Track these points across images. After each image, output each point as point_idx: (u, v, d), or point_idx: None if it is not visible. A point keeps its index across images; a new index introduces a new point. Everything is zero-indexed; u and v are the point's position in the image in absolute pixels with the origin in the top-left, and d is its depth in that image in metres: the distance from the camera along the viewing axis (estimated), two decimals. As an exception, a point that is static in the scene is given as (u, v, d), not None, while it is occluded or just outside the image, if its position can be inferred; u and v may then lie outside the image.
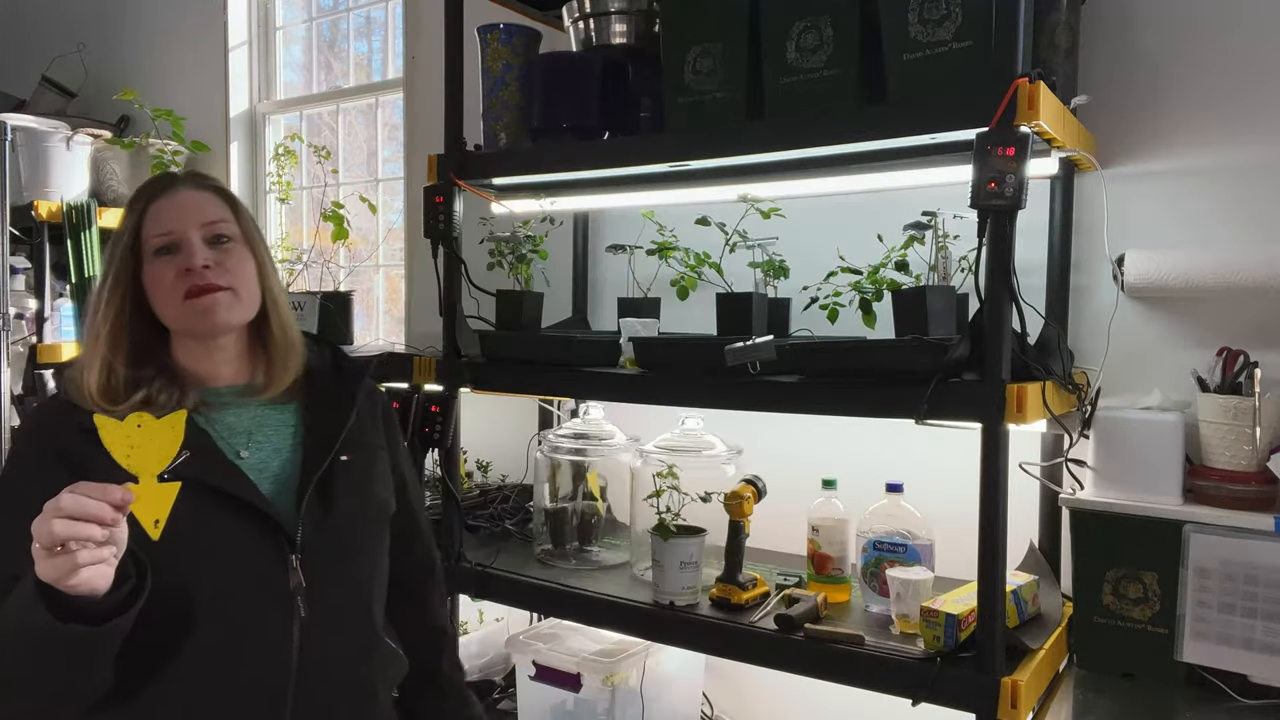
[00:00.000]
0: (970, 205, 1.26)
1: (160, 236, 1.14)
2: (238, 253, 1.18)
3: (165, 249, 1.14)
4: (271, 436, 1.20)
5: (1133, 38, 1.62)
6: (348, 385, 1.27)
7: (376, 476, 1.26)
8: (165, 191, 1.18)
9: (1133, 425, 1.46)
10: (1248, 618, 1.34)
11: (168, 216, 1.15)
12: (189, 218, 1.15)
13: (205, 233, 1.16)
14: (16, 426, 2.68)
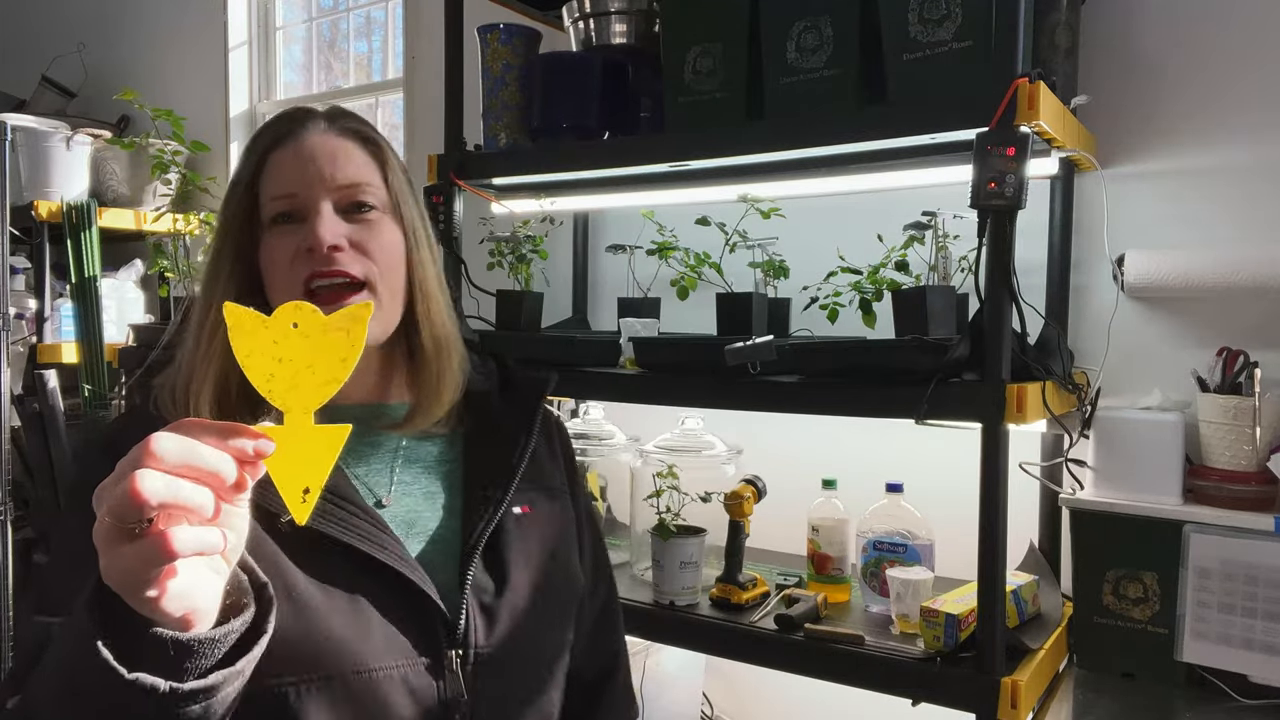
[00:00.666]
0: (970, 205, 1.26)
1: (279, 200, 0.84)
2: (381, 227, 0.87)
3: (285, 215, 0.84)
4: (421, 477, 0.91)
5: (1133, 38, 1.62)
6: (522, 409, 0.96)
7: (561, 535, 0.95)
8: (291, 135, 0.86)
9: (1133, 425, 1.46)
10: (1248, 618, 1.34)
11: (291, 171, 0.85)
12: (319, 174, 0.85)
13: (339, 197, 0.85)
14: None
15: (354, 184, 0.86)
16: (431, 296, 0.91)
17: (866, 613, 1.57)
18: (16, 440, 2.75)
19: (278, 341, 0.59)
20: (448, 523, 0.89)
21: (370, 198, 0.87)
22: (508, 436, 0.93)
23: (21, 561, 2.81)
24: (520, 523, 0.90)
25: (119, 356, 2.51)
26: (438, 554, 0.86)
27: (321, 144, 0.86)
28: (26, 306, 2.90)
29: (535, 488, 0.94)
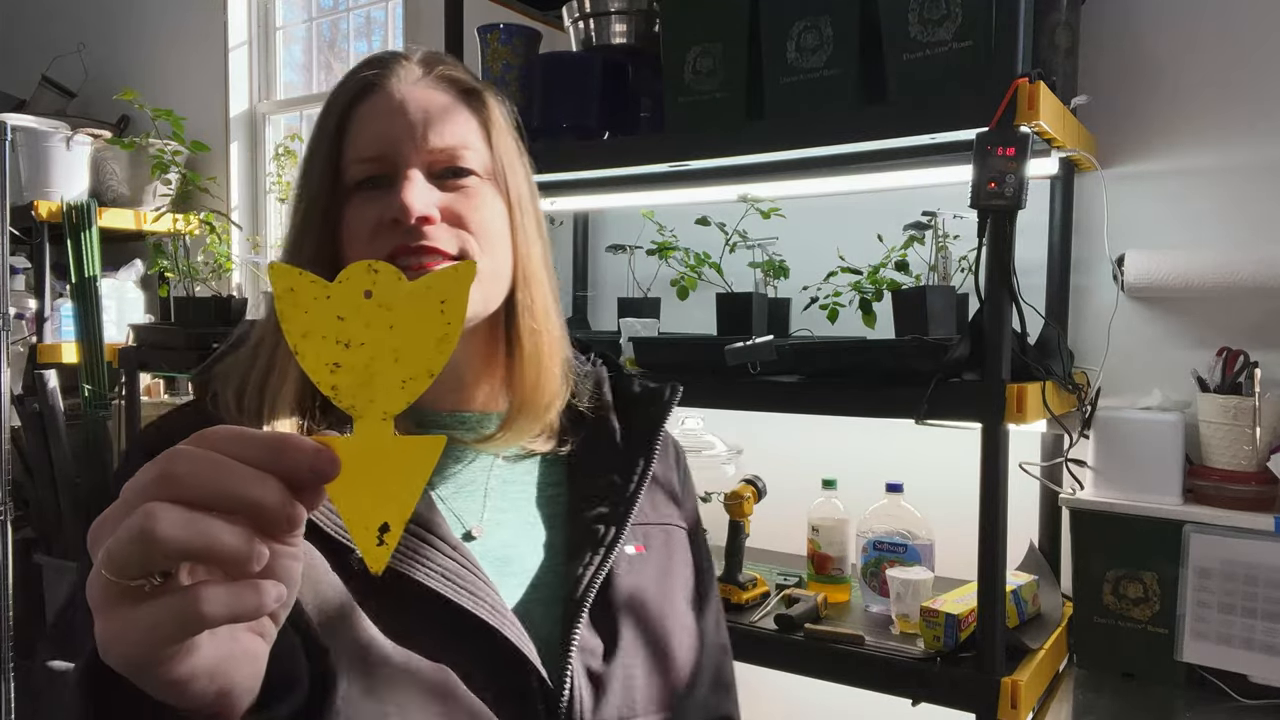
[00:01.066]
0: (970, 205, 1.26)
1: (364, 163, 0.71)
2: (481, 196, 0.73)
3: (370, 180, 0.71)
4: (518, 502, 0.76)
5: (1132, 37, 1.62)
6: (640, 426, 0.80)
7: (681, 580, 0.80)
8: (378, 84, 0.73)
9: (1133, 425, 1.46)
10: (1248, 618, 1.34)
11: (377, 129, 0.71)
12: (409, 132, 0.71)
13: (433, 160, 0.71)
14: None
15: (450, 146, 0.72)
16: (535, 281, 0.76)
17: (866, 613, 1.57)
18: (16, 440, 2.75)
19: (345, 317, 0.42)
20: (549, 563, 0.73)
21: (470, 161, 0.72)
22: (622, 459, 0.78)
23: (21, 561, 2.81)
24: (634, 566, 0.75)
25: (119, 356, 2.51)
26: (537, 603, 0.70)
27: (414, 96, 0.72)
28: (26, 306, 2.90)
29: (652, 522, 0.79)
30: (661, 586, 0.77)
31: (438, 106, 0.73)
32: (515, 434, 0.75)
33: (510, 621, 0.66)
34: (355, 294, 0.42)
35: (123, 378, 2.55)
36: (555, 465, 0.80)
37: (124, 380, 2.54)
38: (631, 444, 0.80)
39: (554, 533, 0.76)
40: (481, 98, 0.76)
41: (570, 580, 0.72)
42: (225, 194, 3.13)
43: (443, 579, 0.64)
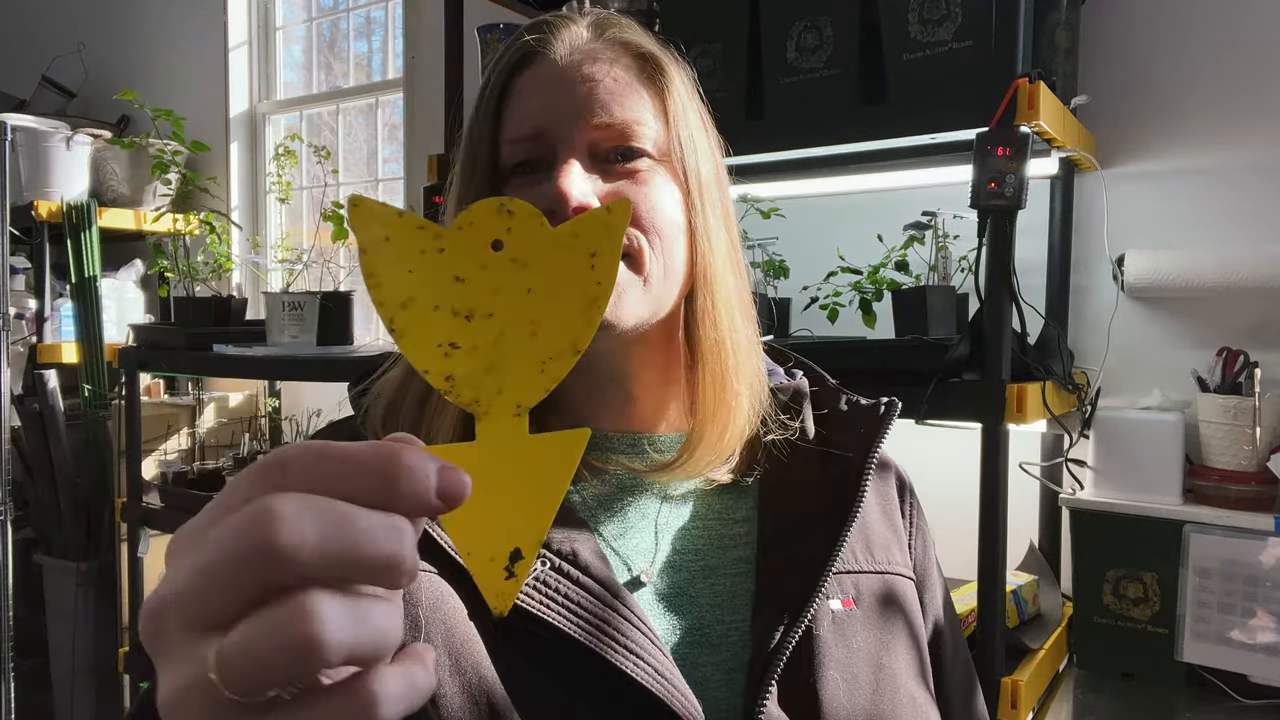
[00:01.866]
0: (970, 205, 1.26)
1: (519, 143, 0.62)
2: (654, 183, 0.62)
3: (525, 164, 0.62)
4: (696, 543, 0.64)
5: (1133, 38, 1.62)
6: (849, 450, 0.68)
7: (902, 641, 0.64)
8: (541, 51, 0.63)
9: (1133, 425, 1.46)
10: (1248, 618, 1.34)
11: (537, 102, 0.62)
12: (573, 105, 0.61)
13: (600, 138, 0.61)
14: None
15: (619, 122, 0.61)
16: (718, 282, 0.64)
17: (866, 613, 1.57)
18: (16, 440, 2.75)
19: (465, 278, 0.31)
20: (730, 618, 0.61)
21: (642, 140, 0.62)
22: (825, 491, 0.65)
23: (22, 561, 2.82)
24: (840, 625, 0.61)
25: (119, 356, 2.51)
26: (715, 668, 0.58)
27: (578, 64, 0.61)
28: (26, 306, 2.90)
29: (865, 570, 0.65)
30: (878, 655, 0.62)
31: (607, 75, 0.61)
32: (695, 462, 0.62)
33: (679, 693, 0.53)
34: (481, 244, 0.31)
35: (123, 378, 2.55)
36: (743, 499, 0.66)
37: (124, 380, 2.54)
38: (836, 470, 0.67)
39: (738, 581, 0.62)
40: (660, 64, 0.64)
41: (756, 641, 0.58)
42: (225, 194, 3.13)
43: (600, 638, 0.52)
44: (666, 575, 0.61)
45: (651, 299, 0.61)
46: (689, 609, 0.60)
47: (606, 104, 0.61)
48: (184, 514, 2.36)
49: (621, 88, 0.62)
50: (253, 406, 3.00)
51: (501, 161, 0.63)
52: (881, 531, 0.69)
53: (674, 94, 0.64)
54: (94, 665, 2.70)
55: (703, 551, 0.63)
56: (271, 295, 2.25)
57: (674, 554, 0.62)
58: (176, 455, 2.78)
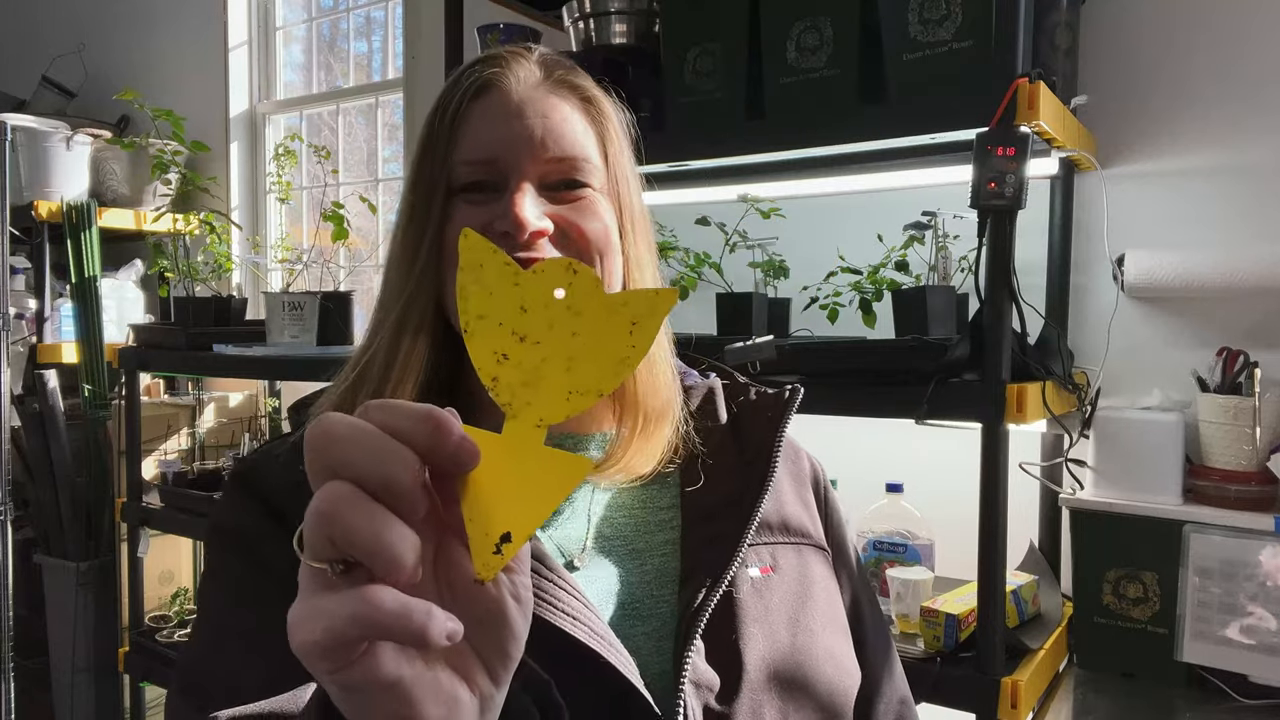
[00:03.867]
0: (970, 205, 1.26)
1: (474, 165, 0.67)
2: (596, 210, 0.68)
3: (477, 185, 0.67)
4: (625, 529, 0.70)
5: (1132, 37, 1.62)
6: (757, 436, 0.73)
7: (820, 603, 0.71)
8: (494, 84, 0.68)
9: (1133, 425, 1.46)
10: (1248, 618, 1.34)
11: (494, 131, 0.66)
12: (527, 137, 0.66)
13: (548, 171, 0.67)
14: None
15: (567, 156, 0.67)
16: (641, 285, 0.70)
17: (866, 613, 1.57)
18: (16, 440, 2.75)
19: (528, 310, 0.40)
20: (658, 592, 0.66)
21: (586, 175, 0.68)
22: (739, 471, 0.71)
23: (22, 561, 2.82)
24: (758, 589, 0.67)
25: (119, 356, 2.51)
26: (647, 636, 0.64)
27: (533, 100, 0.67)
28: (26, 306, 2.90)
29: (780, 541, 0.71)
30: (793, 609, 0.68)
31: (557, 113, 0.67)
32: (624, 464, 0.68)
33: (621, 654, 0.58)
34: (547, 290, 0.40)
35: (123, 378, 2.55)
36: (666, 487, 0.72)
37: (124, 380, 2.54)
38: (748, 454, 0.72)
39: (665, 560, 0.68)
40: (601, 107, 0.71)
41: (682, 608, 0.64)
42: (225, 194, 3.13)
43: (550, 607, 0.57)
44: (597, 559, 0.67)
45: None
46: (619, 588, 0.66)
47: (558, 140, 0.67)
48: (184, 514, 2.36)
49: (570, 126, 0.68)
50: (253, 406, 3.00)
51: (452, 180, 0.67)
52: (795, 509, 0.75)
53: (612, 136, 0.71)
54: (94, 665, 2.71)
55: (630, 537, 0.69)
56: (271, 295, 2.26)
57: (603, 540, 0.68)
58: (176, 455, 2.78)
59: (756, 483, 0.70)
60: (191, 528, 2.42)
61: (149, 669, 2.45)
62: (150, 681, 2.50)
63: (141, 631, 2.49)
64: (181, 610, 2.63)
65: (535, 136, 0.66)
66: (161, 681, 2.47)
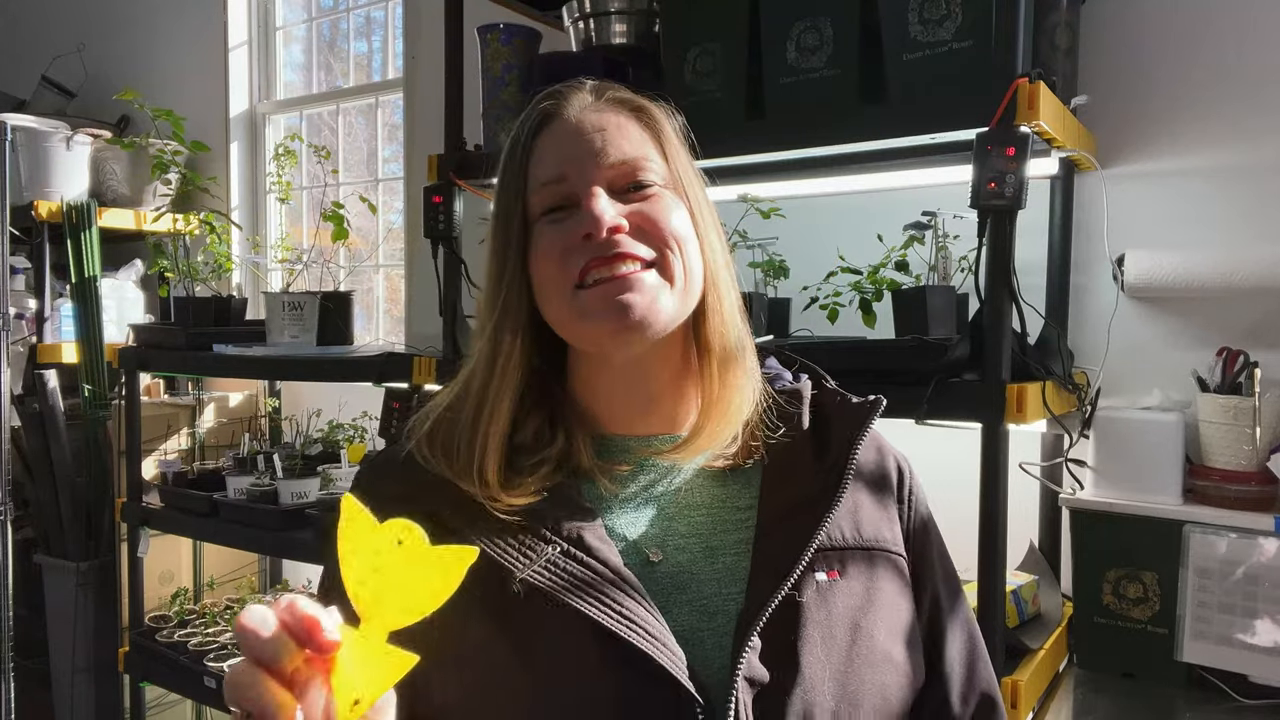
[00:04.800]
0: (970, 205, 1.26)
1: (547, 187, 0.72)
2: (666, 203, 0.73)
3: (557, 208, 0.72)
4: (702, 527, 0.73)
5: (1132, 38, 1.62)
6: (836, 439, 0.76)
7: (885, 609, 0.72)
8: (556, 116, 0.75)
9: (1133, 425, 1.46)
10: (1248, 618, 1.34)
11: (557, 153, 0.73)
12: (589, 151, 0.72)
13: (614, 176, 0.73)
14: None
15: (629, 159, 0.73)
16: (722, 283, 0.76)
17: (866, 613, 1.57)
18: (16, 440, 2.75)
19: (379, 552, 0.54)
20: (727, 590, 0.70)
21: (650, 174, 0.74)
22: (816, 477, 0.74)
23: (21, 561, 2.82)
24: (823, 593, 0.69)
25: (119, 356, 2.51)
26: (712, 632, 0.68)
27: (589, 118, 0.74)
28: (26, 306, 2.90)
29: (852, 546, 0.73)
30: (857, 619, 0.70)
31: (613, 125, 0.74)
32: (701, 442, 0.73)
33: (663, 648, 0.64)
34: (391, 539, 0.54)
35: (123, 378, 2.55)
36: (746, 488, 0.76)
37: (124, 380, 2.54)
38: (827, 461, 0.75)
39: (738, 558, 0.72)
40: (652, 114, 0.78)
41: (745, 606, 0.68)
42: (225, 194, 3.13)
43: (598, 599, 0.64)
44: (673, 556, 0.71)
45: (679, 299, 0.72)
46: (692, 584, 0.70)
47: (618, 146, 0.73)
48: (184, 514, 2.37)
49: (626, 134, 0.74)
50: (253, 406, 3.00)
51: (530, 210, 0.73)
52: (872, 513, 0.77)
53: (667, 135, 0.77)
54: (94, 665, 2.70)
55: (706, 534, 0.73)
56: (271, 295, 2.26)
57: (680, 538, 0.72)
58: (176, 455, 2.78)
59: (831, 490, 0.72)
60: (191, 528, 2.42)
61: (149, 669, 2.45)
62: (150, 681, 2.50)
63: (141, 631, 2.49)
64: (181, 610, 2.63)
65: (596, 147, 0.72)
66: (161, 681, 2.47)
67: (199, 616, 2.60)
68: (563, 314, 0.71)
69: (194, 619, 2.58)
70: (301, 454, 2.42)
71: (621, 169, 0.73)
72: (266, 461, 2.35)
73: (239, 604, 2.67)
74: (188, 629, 2.50)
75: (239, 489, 2.31)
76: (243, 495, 2.28)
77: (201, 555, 2.85)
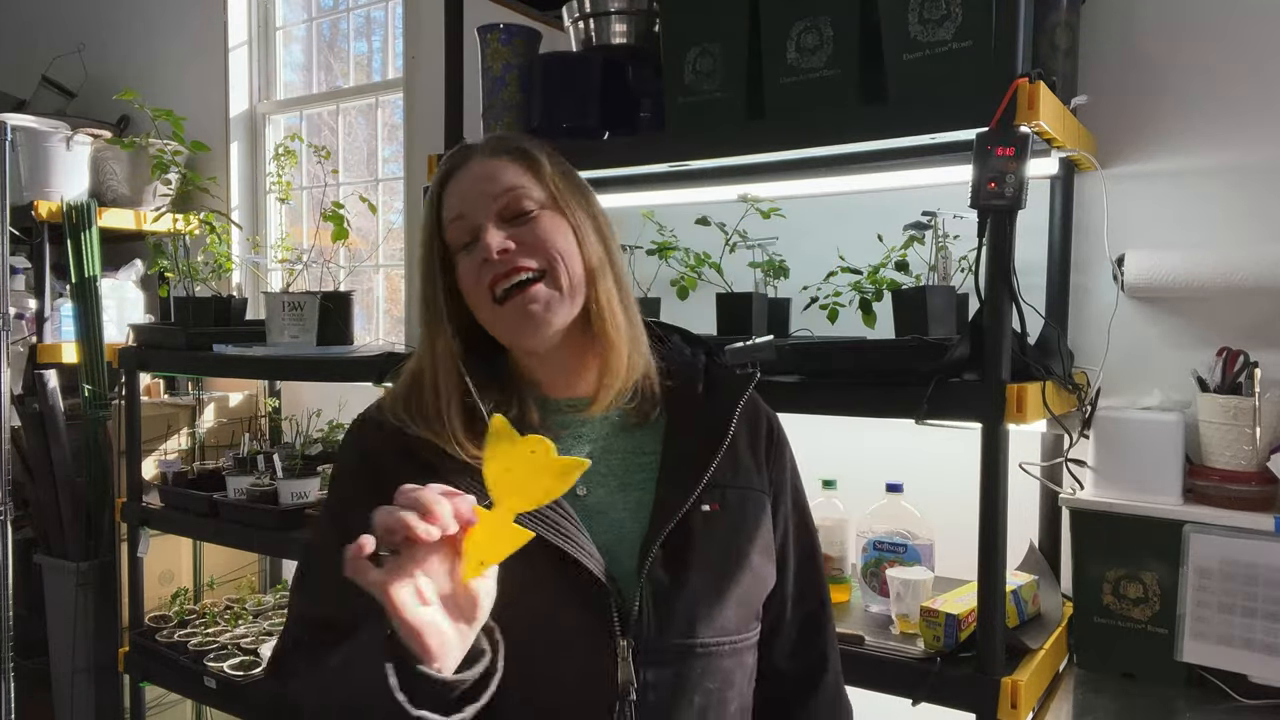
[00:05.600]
0: (970, 205, 1.26)
1: (453, 224, 0.93)
2: (545, 223, 0.92)
3: (466, 244, 0.92)
4: (618, 469, 0.95)
5: (1133, 38, 1.62)
6: (721, 405, 0.97)
7: (752, 537, 0.95)
8: (457, 169, 0.95)
9: (1133, 425, 1.46)
10: (1248, 618, 1.34)
11: (457, 198, 0.93)
12: (480, 195, 0.92)
13: (500, 207, 0.92)
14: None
15: (508, 189, 0.92)
16: (600, 280, 0.95)
17: (866, 613, 1.57)
18: (16, 440, 2.75)
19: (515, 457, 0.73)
20: (636, 517, 0.91)
21: (528, 201, 0.92)
22: (704, 432, 0.95)
23: (22, 561, 2.82)
24: (709, 520, 0.91)
25: (119, 356, 2.51)
26: (623, 548, 0.89)
27: (481, 168, 0.94)
28: (26, 306, 2.90)
29: (730, 485, 0.95)
30: (729, 537, 0.93)
31: (496, 168, 0.94)
32: (604, 395, 0.94)
33: (592, 557, 0.85)
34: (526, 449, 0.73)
35: (123, 378, 2.55)
36: (654, 436, 0.97)
37: (124, 380, 2.54)
38: (713, 419, 0.96)
39: (644, 492, 0.93)
40: (527, 152, 0.95)
41: (650, 528, 0.89)
42: (225, 194, 3.13)
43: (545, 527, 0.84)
44: (595, 491, 0.93)
45: (568, 302, 0.92)
46: (610, 511, 0.92)
47: (499, 182, 0.93)
48: (184, 514, 2.37)
49: (507, 172, 0.94)
50: (253, 406, 3.00)
51: (449, 241, 0.94)
52: (746, 460, 0.98)
53: (542, 168, 0.95)
54: (94, 665, 2.71)
55: (620, 474, 0.95)
56: (271, 295, 2.26)
57: (600, 476, 0.94)
58: (176, 455, 2.78)
59: (717, 442, 0.94)
60: (191, 528, 2.42)
61: (149, 669, 2.45)
62: (150, 681, 2.50)
63: (141, 631, 2.49)
64: (181, 610, 2.63)
65: (484, 188, 0.93)
66: (161, 681, 2.47)
67: (199, 616, 2.60)
68: (488, 321, 0.93)
69: (194, 619, 2.58)
70: (301, 454, 2.42)
71: (506, 198, 0.92)
72: (266, 461, 2.35)
73: (239, 604, 2.67)
74: (188, 629, 2.50)
75: (239, 489, 2.31)
76: (243, 495, 2.28)
77: (201, 555, 2.85)
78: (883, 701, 1.34)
